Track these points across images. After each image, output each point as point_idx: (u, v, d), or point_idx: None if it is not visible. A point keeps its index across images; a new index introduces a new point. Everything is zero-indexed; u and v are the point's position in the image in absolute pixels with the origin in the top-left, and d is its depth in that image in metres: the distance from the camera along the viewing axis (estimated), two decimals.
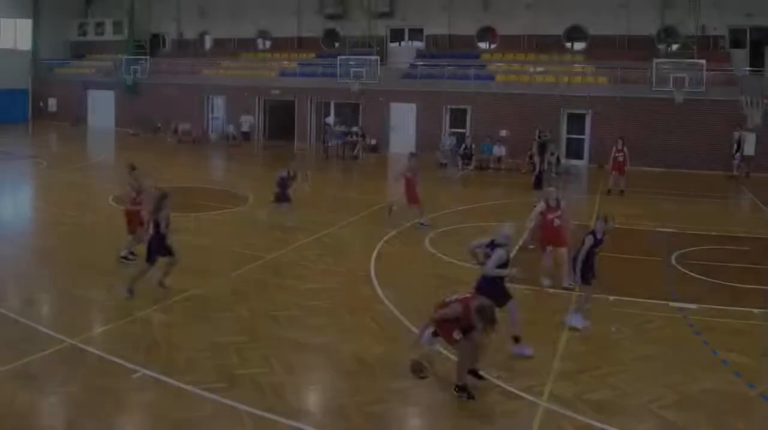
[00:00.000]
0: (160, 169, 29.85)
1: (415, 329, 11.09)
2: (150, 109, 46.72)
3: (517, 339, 10.29)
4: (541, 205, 14.09)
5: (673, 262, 15.99)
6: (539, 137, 33.56)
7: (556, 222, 13.83)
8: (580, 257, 11.34)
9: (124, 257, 14.55)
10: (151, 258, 12.57)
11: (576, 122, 36.01)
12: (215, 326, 11.12)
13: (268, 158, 36.59)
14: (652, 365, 10.01)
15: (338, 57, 39.80)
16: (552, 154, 32.27)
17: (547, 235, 13.95)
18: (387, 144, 39.49)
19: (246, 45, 49.77)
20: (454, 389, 8.87)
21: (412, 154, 21.01)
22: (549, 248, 13.97)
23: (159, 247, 12.56)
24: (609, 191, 25.81)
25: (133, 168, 15.17)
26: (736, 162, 31.51)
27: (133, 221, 14.68)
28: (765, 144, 31.76)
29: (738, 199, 27.09)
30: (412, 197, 19.20)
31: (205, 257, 15.47)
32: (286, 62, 45.51)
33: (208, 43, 52.29)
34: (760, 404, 8.95)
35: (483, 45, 43.29)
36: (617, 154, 25.86)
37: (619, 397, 9.01)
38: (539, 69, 38.11)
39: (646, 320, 12.04)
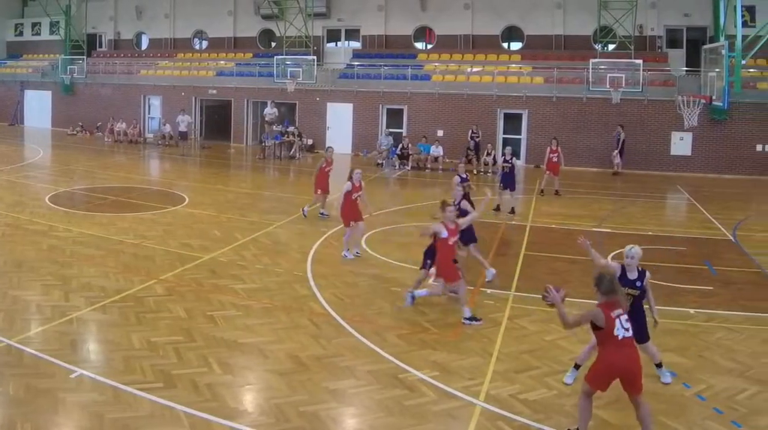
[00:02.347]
0: (95, 169, 29.51)
1: (359, 335, 11.24)
2: (87, 108, 46.19)
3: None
4: (347, 185, 16.24)
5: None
6: (472, 138, 34.07)
7: (359, 200, 16.46)
8: None
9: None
10: (427, 265, 13.11)
11: (512, 122, 36.30)
12: (152, 326, 11.10)
13: (204, 158, 36.29)
14: (589, 364, 10.16)
15: (275, 57, 39.64)
16: (488, 154, 32.65)
17: (352, 211, 16.30)
18: (324, 144, 39.35)
19: (183, 45, 49.38)
20: None
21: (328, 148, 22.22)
22: (352, 223, 16.21)
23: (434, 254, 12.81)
24: (542, 192, 25.90)
25: (447, 205, 12.62)
26: (615, 159, 32.64)
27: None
28: (700, 145, 32.74)
29: (674, 199, 27.57)
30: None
31: (141, 257, 15.41)
32: (222, 62, 45.22)
33: (144, 43, 51.71)
34: (695, 404, 9.12)
35: (419, 45, 43.56)
36: (551, 155, 25.79)
37: (557, 397, 9.17)
38: (475, 69, 38.39)
39: None
